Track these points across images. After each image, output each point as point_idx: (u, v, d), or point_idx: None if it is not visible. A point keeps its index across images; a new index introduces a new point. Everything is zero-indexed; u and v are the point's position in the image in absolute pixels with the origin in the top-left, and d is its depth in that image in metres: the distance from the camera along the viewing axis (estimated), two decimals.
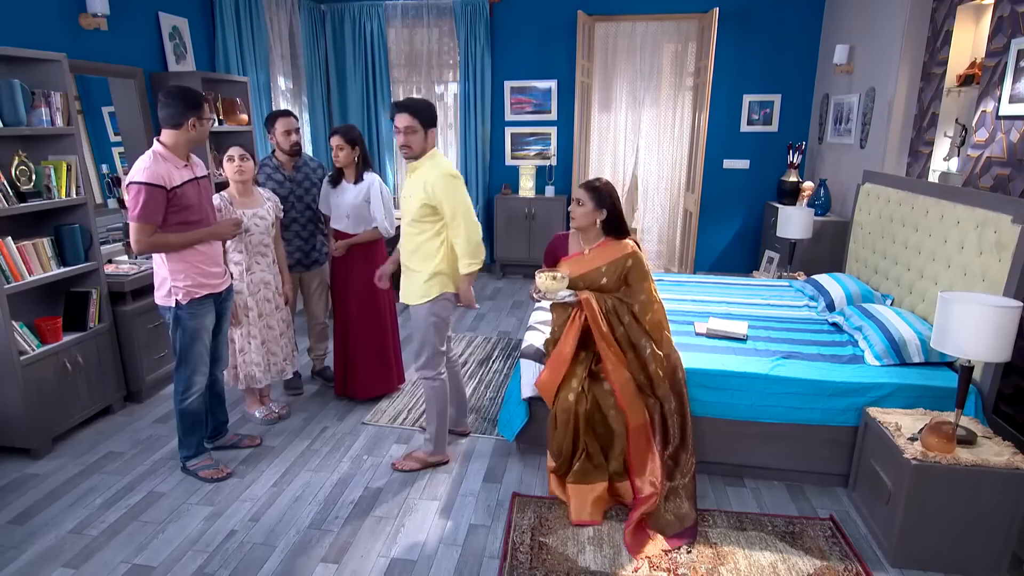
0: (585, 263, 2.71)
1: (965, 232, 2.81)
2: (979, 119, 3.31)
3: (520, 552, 2.30)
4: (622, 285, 2.70)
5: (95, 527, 2.46)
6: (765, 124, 5.85)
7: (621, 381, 2.60)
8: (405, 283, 2.75)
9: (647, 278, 2.71)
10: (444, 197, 2.53)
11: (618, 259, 2.68)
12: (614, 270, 2.68)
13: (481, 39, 5.91)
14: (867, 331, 2.89)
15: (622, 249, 2.69)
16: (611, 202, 2.64)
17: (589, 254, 2.73)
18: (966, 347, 2.14)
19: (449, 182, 2.54)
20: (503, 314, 5.20)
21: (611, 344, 2.63)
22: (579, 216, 2.67)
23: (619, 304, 2.66)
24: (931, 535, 2.20)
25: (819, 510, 2.57)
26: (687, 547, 2.32)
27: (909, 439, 2.27)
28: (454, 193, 2.54)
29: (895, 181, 3.65)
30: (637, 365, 2.65)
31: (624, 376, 2.61)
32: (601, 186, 2.65)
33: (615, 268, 2.68)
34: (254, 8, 4.92)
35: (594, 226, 2.69)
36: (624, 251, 2.68)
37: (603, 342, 2.62)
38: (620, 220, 2.70)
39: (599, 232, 2.72)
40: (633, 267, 2.68)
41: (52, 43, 3.32)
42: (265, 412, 3.32)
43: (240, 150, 2.95)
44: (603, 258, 2.70)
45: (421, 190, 2.55)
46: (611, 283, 2.69)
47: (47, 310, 3.18)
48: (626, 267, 2.67)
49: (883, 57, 4.35)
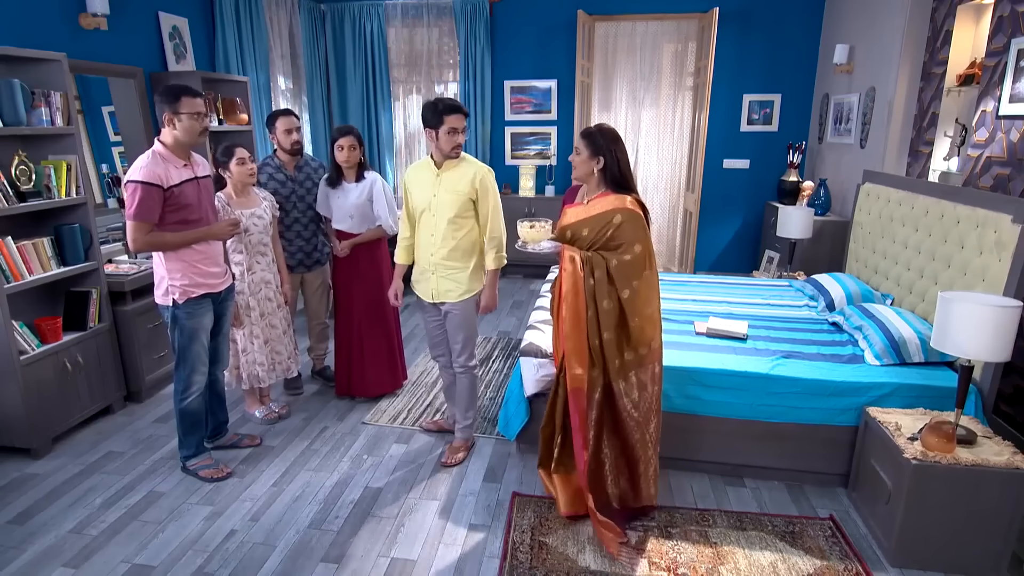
0: (578, 213, 2.46)
1: (965, 232, 2.81)
2: (979, 119, 3.30)
3: (520, 552, 2.30)
4: (607, 243, 2.36)
5: (95, 527, 2.46)
6: (765, 124, 5.85)
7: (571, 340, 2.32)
8: (442, 282, 2.76)
9: (639, 242, 2.33)
10: (490, 191, 2.69)
11: (605, 212, 2.35)
12: (598, 225, 2.36)
13: (481, 39, 5.91)
14: (867, 331, 2.89)
15: (615, 203, 2.36)
16: (608, 149, 2.37)
17: (585, 204, 2.47)
18: (966, 347, 2.14)
19: (492, 178, 2.73)
20: (503, 314, 5.20)
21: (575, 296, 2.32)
22: (576, 165, 2.45)
23: (595, 256, 2.34)
24: (931, 535, 2.20)
25: (819, 510, 2.57)
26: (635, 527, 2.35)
27: (909, 439, 2.27)
28: (495, 189, 2.73)
29: (895, 181, 3.65)
30: (595, 325, 2.34)
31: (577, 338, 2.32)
32: (597, 131, 2.40)
33: (599, 223, 2.36)
34: (254, 8, 4.92)
35: (592, 176, 2.43)
36: (614, 205, 2.35)
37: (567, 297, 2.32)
38: (622, 171, 2.40)
39: (599, 182, 2.44)
40: (622, 225, 2.32)
41: (52, 43, 3.32)
42: (265, 412, 3.32)
43: (246, 152, 2.96)
44: (595, 209, 2.40)
45: (469, 185, 2.65)
46: (592, 238, 2.37)
47: (47, 310, 3.18)
48: (612, 223, 2.33)
49: (883, 57, 4.35)
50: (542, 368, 2.83)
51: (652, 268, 2.38)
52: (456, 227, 2.69)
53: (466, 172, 2.67)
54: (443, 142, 2.61)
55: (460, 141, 2.64)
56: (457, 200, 2.65)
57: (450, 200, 2.66)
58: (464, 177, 2.66)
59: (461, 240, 2.71)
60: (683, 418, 2.74)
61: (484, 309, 2.81)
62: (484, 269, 2.80)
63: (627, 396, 2.36)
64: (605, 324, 2.32)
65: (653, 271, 2.39)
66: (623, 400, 2.36)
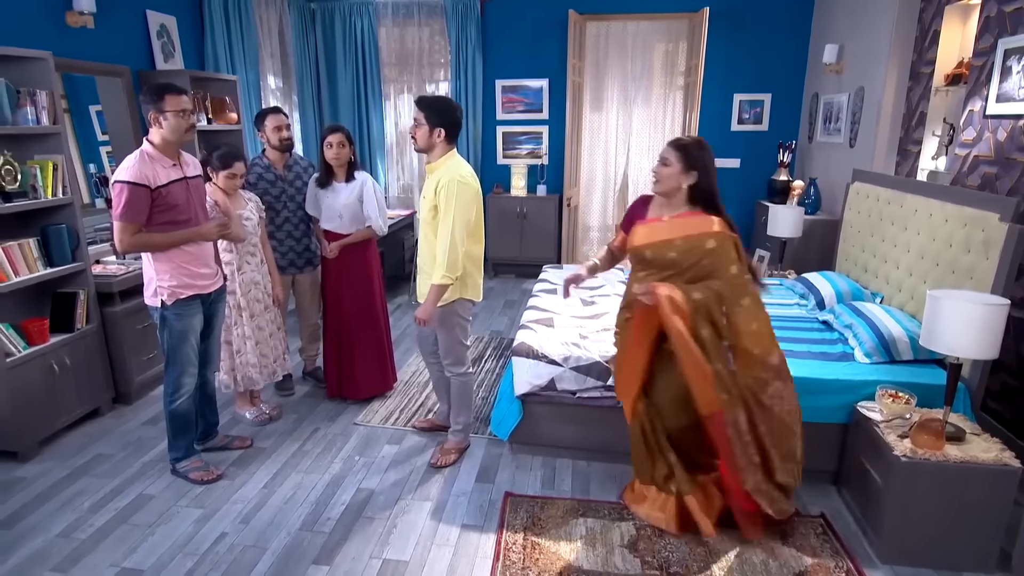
0: (658, 231, 2.27)
1: (953, 230, 2.83)
2: (967, 118, 3.33)
3: (513, 552, 2.29)
4: (699, 270, 2.21)
5: (83, 531, 2.44)
6: (755, 123, 5.87)
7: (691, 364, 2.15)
8: (422, 284, 2.76)
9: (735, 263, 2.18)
10: (445, 199, 2.52)
11: (699, 236, 2.19)
12: (690, 248, 2.20)
13: (472, 38, 5.89)
14: (857, 329, 2.90)
15: (707, 225, 2.20)
16: (703, 165, 2.21)
17: (667, 222, 2.28)
18: (954, 344, 2.16)
19: (456, 186, 2.51)
20: (495, 313, 5.19)
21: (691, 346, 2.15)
22: (663, 178, 2.24)
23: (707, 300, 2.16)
24: (920, 531, 2.22)
25: (810, 507, 2.58)
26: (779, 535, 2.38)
27: (899, 436, 2.29)
28: (455, 199, 2.51)
29: (884, 180, 3.67)
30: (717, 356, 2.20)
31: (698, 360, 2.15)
32: (691, 144, 2.24)
33: (692, 246, 2.20)
34: (243, 6, 4.89)
35: (679, 191, 2.24)
36: (708, 228, 2.19)
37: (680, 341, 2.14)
38: (713, 190, 2.24)
39: (684, 200, 2.26)
40: (717, 252, 2.17)
41: (38, 41, 3.27)
42: (256, 413, 3.30)
43: (243, 168, 2.94)
44: (681, 230, 2.22)
45: (433, 191, 2.58)
46: (683, 262, 2.21)
47: (34, 311, 3.14)
48: (706, 249, 2.18)
49: (872, 57, 4.38)
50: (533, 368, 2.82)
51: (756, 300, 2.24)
52: (430, 231, 2.65)
53: (436, 177, 2.59)
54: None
55: (411, 132, 2.62)
56: (427, 204, 2.63)
57: (422, 205, 2.69)
58: (432, 181, 2.61)
59: (434, 245, 2.63)
60: None
61: (416, 320, 2.64)
62: (465, 282, 2.69)
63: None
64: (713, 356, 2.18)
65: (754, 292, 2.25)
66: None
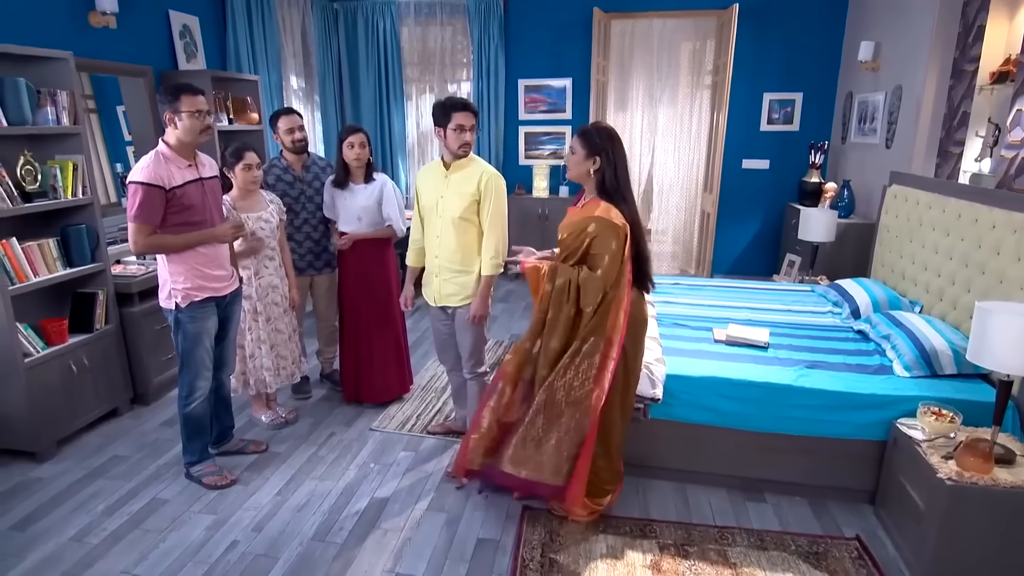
0: (569, 217, 2.35)
1: (1001, 237, 2.67)
2: (1014, 118, 3.15)
3: (530, 569, 2.20)
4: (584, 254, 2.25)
5: (96, 535, 2.41)
6: (786, 123, 5.69)
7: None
8: (444, 286, 2.71)
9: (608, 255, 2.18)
10: (494, 194, 2.60)
11: (582, 219, 2.23)
12: (574, 232, 2.25)
13: (495, 37, 5.82)
14: (895, 340, 2.76)
15: (593, 211, 2.22)
16: (605, 150, 2.20)
17: (577, 208, 2.34)
18: (1005, 360, 2.01)
19: (500, 182, 2.64)
20: (515, 316, 5.11)
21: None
22: (571, 165, 2.30)
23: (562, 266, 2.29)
24: (966, 560, 2.07)
25: (844, 528, 2.45)
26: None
27: (943, 457, 2.15)
28: (501, 194, 2.63)
29: (924, 183, 3.50)
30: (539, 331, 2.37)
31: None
32: (593, 130, 2.24)
33: (577, 230, 2.24)
34: (266, 6, 4.88)
35: (589, 178, 2.27)
36: (592, 212, 2.21)
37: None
38: (617, 176, 2.21)
39: (594, 187, 2.28)
40: (597, 237, 2.19)
41: (61, 41, 3.27)
42: (272, 416, 3.26)
43: (255, 157, 2.90)
44: (577, 215, 2.29)
45: (474, 186, 2.59)
46: (570, 245, 2.27)
47: (53, 311, 3.14)
48: (587, 232, 2.19)
49: (911, 54, 4.19)
50: None
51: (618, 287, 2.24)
52: (461, 229, 2.63)
53: (473, 173, 2.62)
54: (450, 140, 2.56)
55: (468, 139, 2.58)
56: (462, 201, 2.60)
57: (456, 201, 2.62)
58: (471, 177, 2.61)
59: (468, 243, 2.64)
60: (699, 429, 2.63)
61: (473, 318, 2.68)
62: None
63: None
64: (549, 334, 2.31)
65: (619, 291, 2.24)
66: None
